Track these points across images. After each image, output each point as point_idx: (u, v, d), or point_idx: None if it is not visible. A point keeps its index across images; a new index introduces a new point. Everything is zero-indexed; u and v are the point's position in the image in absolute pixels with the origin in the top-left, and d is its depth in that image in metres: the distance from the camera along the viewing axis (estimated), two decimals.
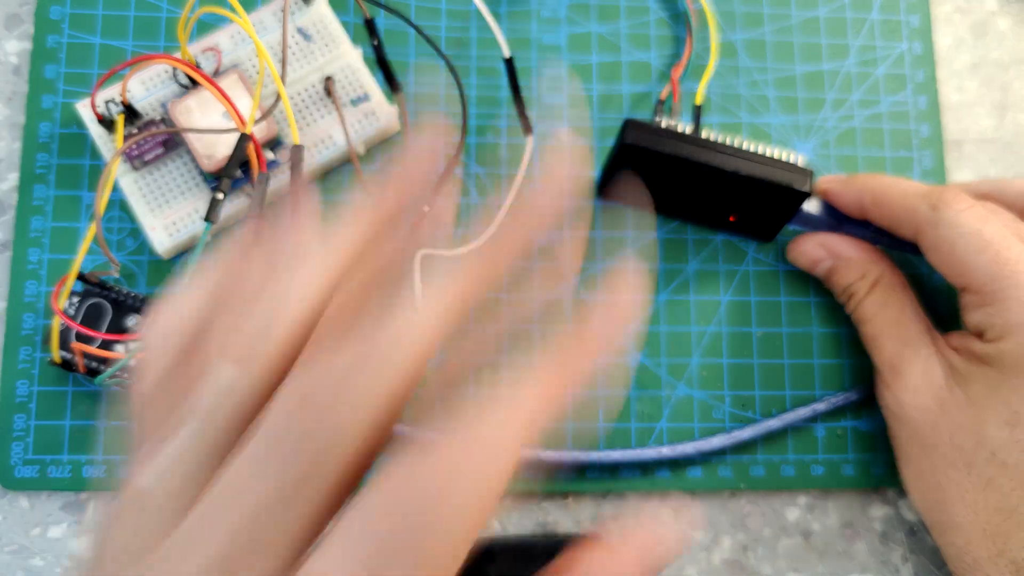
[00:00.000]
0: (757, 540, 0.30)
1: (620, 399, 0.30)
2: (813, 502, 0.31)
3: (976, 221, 0.26)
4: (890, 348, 0.28)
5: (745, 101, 0.33)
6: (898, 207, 0.28)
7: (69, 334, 0.28)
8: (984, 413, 0.26)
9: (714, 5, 0.34)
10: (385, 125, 0.31)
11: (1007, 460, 0.25)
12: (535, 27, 0.33)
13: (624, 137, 0.28)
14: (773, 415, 0.31)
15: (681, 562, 0.30)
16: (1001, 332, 0.26)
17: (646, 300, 0.17)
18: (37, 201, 0.30)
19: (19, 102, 0.31)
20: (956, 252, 0.26)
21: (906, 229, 0.28)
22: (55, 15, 0.31)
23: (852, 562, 0.30)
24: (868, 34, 0.34)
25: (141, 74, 0.30)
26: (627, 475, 0.30)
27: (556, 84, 0.33)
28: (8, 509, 0.28)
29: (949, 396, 0.27)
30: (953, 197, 0.27)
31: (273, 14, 0.31)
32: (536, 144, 0.32)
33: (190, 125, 0.29)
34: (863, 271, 0.30)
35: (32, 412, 0.28)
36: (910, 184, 0.28)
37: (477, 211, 0.32)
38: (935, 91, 0.34)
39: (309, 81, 0.30)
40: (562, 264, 0.19)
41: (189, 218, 0.29)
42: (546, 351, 0.15)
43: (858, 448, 0.31)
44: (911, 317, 0.29)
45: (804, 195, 0.28)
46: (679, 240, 0.32)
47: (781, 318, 0.32)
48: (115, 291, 0.28)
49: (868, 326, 0.29)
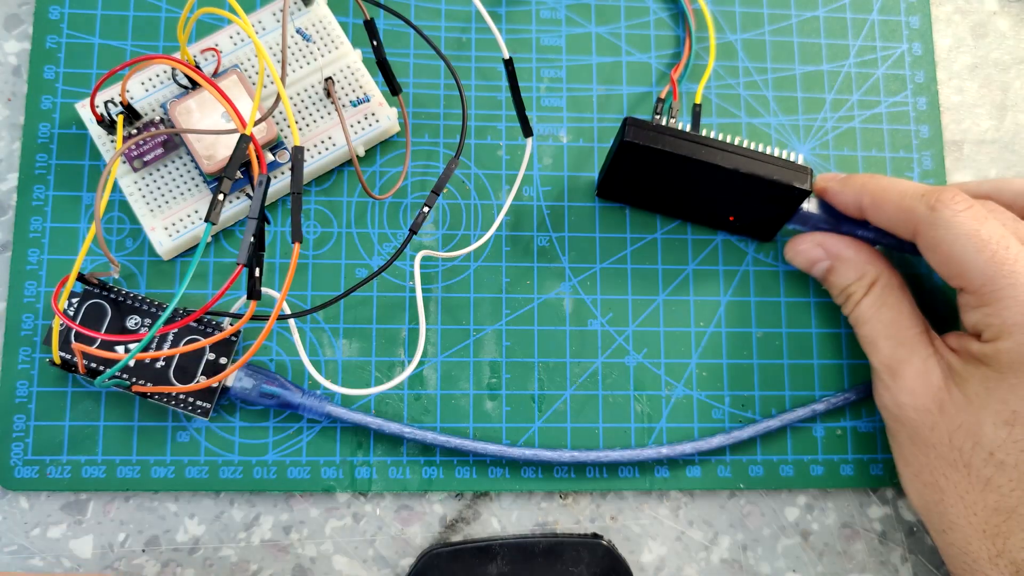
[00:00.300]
0: (756, 540, 0.30)
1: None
2: (812, 502, 0.31)
3: (974, 221, 0.26)
4: (887, 349, 0.28)
5: (744, 101, 0.33)
6: (896, 207, 0.28)
7: (69, 334, 0.28)
8: (982, 413, 0.26)
9: (714, 5, 0.34)
10: (385, 126, 0.31)
11: (1005, 460, 0.25)
12: (535, 28, 0.33)
13: (624, 135, 0.28)
14: (772, 415, 0.31)
15: (680, 561, 0.30)
16: (998, 332, 0.26)
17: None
18: (37, 201, 0.30)
19: (19, 102, 0.31)
20: (953, 252, 0.26)
21: (904, 229, 0.28)
22: (54, 15, 0.31)
23: (851, 562, 0.30)
24: (868, 34, 0.34)
25: (141, 74, 0.30)
26: (626, 475, 0.30)
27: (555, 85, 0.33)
28: (8, 509, 0.28)
29: (947, 397, 0.27)
30: (951, 197, 0.27)
31: (273, 14, 0.31)
32: (535, 145, 0.32)
33: (190, 126, 0.29)
34: (861, 272, 0.29)
35: (32, 412, 0.28)
36: (908, 184, 0.28)
37: (476, 213, 0.32)
38: (935, 92, 0.34)
39: (309, 82, 0.31)
40: None
41: (189, 219, 0.29)
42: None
43: (857, 448, 0.31)
44: (908, 318, 0.29)
45: (804, 193, 0.28)
46: (679, 240, 0.32)
47: (781, 318, 0.32)
48: (115, 292, 0.28)
49: (865, 327, 0.29)
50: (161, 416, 0.29)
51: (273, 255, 0.30)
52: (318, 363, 0.30)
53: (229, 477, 0.29)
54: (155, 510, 0.29)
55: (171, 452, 0.29)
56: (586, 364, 0.31)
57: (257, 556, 0.29)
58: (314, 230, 0.31)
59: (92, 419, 0.29)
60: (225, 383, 0.28)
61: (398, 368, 0.30)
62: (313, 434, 0.29)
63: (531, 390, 0.30)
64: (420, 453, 0.29)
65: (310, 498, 0.29)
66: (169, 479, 0.29)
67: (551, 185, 0.32)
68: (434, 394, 0.30)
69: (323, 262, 0.30)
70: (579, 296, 0.31)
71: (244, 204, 0.30)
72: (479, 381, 0.30)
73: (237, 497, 0.29)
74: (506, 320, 0.31)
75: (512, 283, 0.31)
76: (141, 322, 0.28)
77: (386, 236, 0.31)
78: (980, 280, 0.26)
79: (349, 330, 0.30)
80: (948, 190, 0.27)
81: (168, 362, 0.28)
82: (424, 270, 0.31)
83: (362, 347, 0.30)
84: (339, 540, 0.29)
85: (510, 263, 0.31)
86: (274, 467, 0.29)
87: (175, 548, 0.29)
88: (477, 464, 0.30)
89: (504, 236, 0.31)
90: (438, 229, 0.31)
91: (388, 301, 0.30)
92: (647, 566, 0.30)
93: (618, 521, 0.30)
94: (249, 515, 0.29)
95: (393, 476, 0.29)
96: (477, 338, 0.30)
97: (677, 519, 0.30)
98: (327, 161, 0.30)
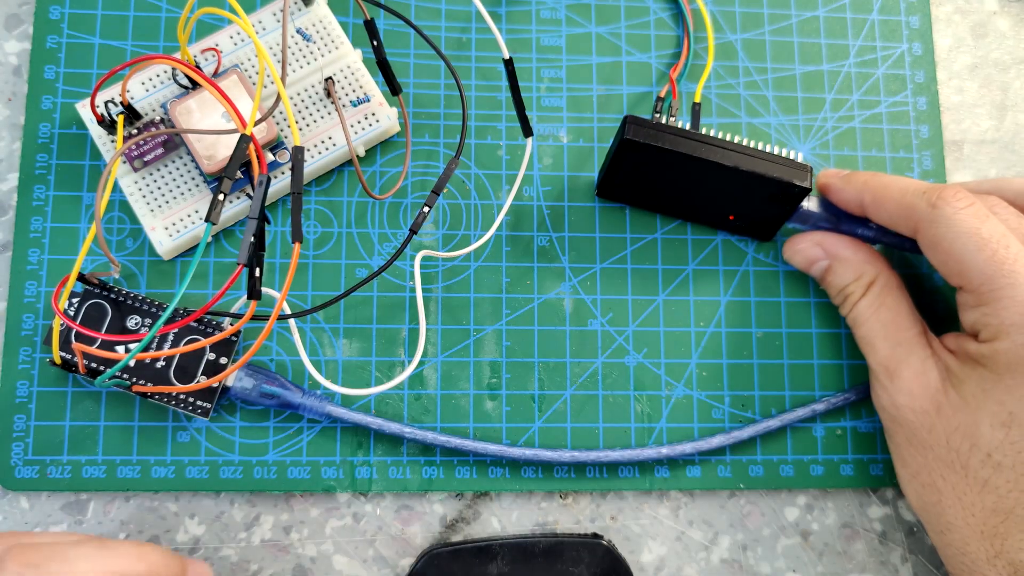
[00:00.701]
0: (756, 540, 0.30)
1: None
2: (812, 502, 0.31)
3: (974, 219, 0.26)
4: (885, 350, 0.28)
5: (745, 101, 0.33)
6: (897, 204, 0.28)
7: (69, 334, 0.28)
8: (979, 414, 0.26)
9: (714, 5, 0.34)
10: (385, 126, 0.31)
11: (1002, 461, 0.25)
12: (535, 28, 0.33)
13: (624, 133, 0.28)
14: (772, 415, 0.31)
15: (680, 561, 0.30)
16: (995, 332, 0.25)
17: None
18: (37, 201, 0.30)
19: (19, 102, 0.31)
20: (953, 250, 0.26)
21: (905, 226, 0.28)
22: (54, 15, 0.31)
23: (851, 562, 0.30)
24: (868, 34, 0.34)
25: (141, 74, 0.30)
26: (626, 475, 0.30)
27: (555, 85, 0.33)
28: (8, 509, 0.28)
29: (944, 398, 0.27)
30: (952, 195, 0.27)
31: (273, 14, 0.31)
32: (535, 145, 0.32)
33: (190, 126, 0.29)
34: (859, 272, 0.29)
35: (32, 412, 0.28)
36: (909, 182, 0.28)
37: (476, 213, 0.32)
38: (935, 92, 0.34)
39: (309, 82, 0.31)
40: None
41: (189, 219, 0.29)
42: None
43: (857, 448, 0.31)
44: (906, 319, 0.29)
45: (804, 191, 0.28)
46: (679, 240, 0.32)
47: (781, 318, 0.32)
48: (115, 292, 0.28)
49: (863, 328, 0.29)
50: (161, 416, 0.29)
51: (273, 255, 0.30)
52: (318, 363, 0.30)
53: (229, 477, 0.29)
54: (155, 510, 0.29)
55: (171, 452, 0.29)
56: (586, 364, 0.31)
57: (257, 556, 0.29)
58: (314, 230, 0.31)
59: (92, 419, 0.29)
60: (225, 383, 0.28)
61: (398, 368, 0.30)
62: (313, 434, 0.29)
63: (531, 390, 0.30)
64: (420, 453, 0.30)
65: (310, 498, 0.29)
66: (169, 479, 0.29)
67: (551, 185, 0.32)
68: (434, 394, 0.30)
69: (323, 262, 0.30)
70: (579, 296, 0.31)
71: (244, 204, 0.30)
72: (479, 381, 0.30)
73: (237, 497, 0.29)
74: (506, 320, 0.31)
75: (512, 283, 0.31)
76: (141, 322, 0.28)
77: (386, 236, 0.31)
78: (979, 279, 0.26)
79: (349, 330, 0.30)
80: (949, 187, 0.27)
81: (168, 362, 0.28)
82: (424, 270, 0.31)
83: (362, 347, 0.30)
84: (339, 540, 0.29)
85: (510, 263, 0.31)
86: (274, 467, 0.29)
87: (175, 548, 0.29)
88: (477, 464, 0.30)
89: (504, 236, 0.31)
90: (438, 229, 0.31)
91: (388, 301, 0.30)
92: (647, 566, 0.30)
93: (618, 521, 0.30)
94: (249, 515, 0.29)
95: (393, 476, 0.29)
96: (477, 338, 0.30)
97: (677, 519, 0.30)
98: (327, 161, 0.30)
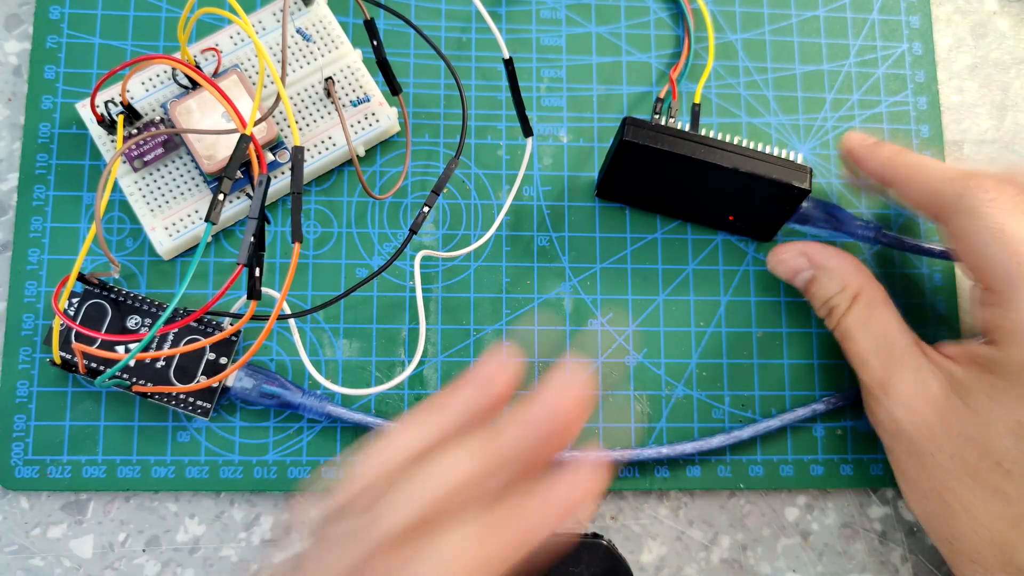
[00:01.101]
0: (756, 540, 0.30)
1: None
2: (812, 502, 0.31)
3: (1001, 214, 0.25)
4: (877, 366, 0.27)
5: (745, 101, 0.33)
6: (924, 188, 0.27)
7: (69, 334, 0.28)
8: (988, 423, 0.25)
9: (714, 5, 0.34)
10: (385, 126, 0.31)
11: (1012, 469, 0.24)
12: (535, 28, 0.33)
13: (623, 134, 0.28)
14: (772, 415, 0.31)
15: (680, 561, 0.30)
16: (1007, 336, 0.25)
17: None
18: (37, 201, 0.30)
19: (19, 102, 0.31)
20: (975, 244, 0.25)
21: (928, 210, 0.27)
22: (54, 15, 0.31)
23: (851, 562, 0.30)
24: (868, 34, 0.34)
25: (141, 74, 0.30)
26: (626, 475, 0.30)
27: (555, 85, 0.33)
28: (8, 509, 0.28)
29: (948, 407, 0.26)
30: (979, 185, 0.25)
31: (273, 14, 0.31)
32: (535, 145, 0.32)
33: (190, 126, 0.29)
34: (844, 282, 0.29)
35: (32, 412, 0.28)
36: (939, 165, 0.27)
37: (476, 213, 0.32)
38: (935, 91, 0.34)
39: (309, 82, 0.31)
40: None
41: (189, 219, 0.29)
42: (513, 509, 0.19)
43: (857, 448, 0.31)
44: (896, 332, 0.28)
45: (804, 192, 0.28)
46: (679, 240, 0.32)
47: (781, 318, 0.32)
48: (115, 292, 0.28)
49: (852, 344, 0.28)
50: (161, 416, 0.29)
51: (273, 255, 0.30)
52: (318, 363, 0.30)
53: (229, 477, 0.29)
54: (155, 510, 0.29)
55: (171, 452, 0.29)
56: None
57: (257, 556, 0.29)
58: (314, 230, 0.31)
59: (92, 419, 0.29)
60: (225, 383, 0.28)
61: (398, 368, 0.30)
62: (313, 434, 0.29)
63: (531, 390, 0.30)
64: None
65: (311, 498, 0.29)
66: (169, 479, 0.29)
67: (551, 185, 0.32)
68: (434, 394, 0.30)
69: (323, 262, 0.30)
70: (579, 296, 0.31)
71: (244, 204, 0.30)
72: None
73: (237, 497, 0.29)
74: (506, 320, 0.31)
75: (512, 283, 0.31)
76: (141, 322, 0.28)
77: (386, 236, 0.31)
78: (998, 278, 0.25)
79: (349, 330, 0.30)
80: (979, 176, 0.26)
81: (168, 362, 0.28)
82: (424, 270, 0.31)
83: (362, 347, 0.30)
84: None
85: (510, 263, 0.31)
86: (274, 467, 0.29)
87: (175, 548, 0.29)
88: None
89: (504, 236, 0.31)
90: (438, 229, 0.31)
91: (388, 301, 0.30)
92: (647, 566, 0.30)
93: (618, 521, 0.30)
94: (249, 515, 0.29)
95: None
96: (477, 338, 0.30)
97: (677, 519, 0.30)
98: (327, 161, 0.30)
